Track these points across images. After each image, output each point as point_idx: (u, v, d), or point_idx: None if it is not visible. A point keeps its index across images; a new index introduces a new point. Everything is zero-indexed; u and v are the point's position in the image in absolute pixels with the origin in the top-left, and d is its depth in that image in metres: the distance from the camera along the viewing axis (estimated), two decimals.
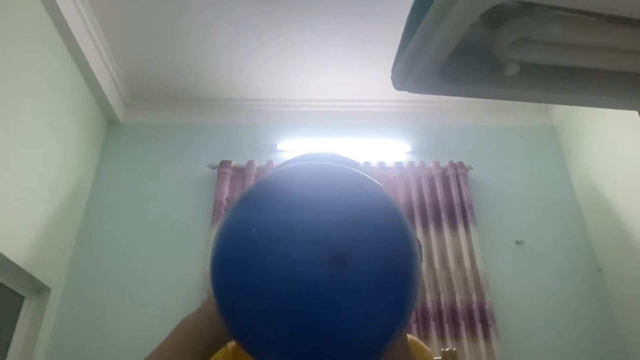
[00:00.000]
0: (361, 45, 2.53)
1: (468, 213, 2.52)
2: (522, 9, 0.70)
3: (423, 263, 2.29)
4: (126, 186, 2.63)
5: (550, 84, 0.84)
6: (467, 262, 2.36)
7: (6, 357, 2.02)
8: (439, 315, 2.24)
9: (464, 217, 2.51)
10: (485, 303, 2.27)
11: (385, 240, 0.51)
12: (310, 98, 2.92)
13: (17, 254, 1.93)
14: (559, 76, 0.83)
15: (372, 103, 2.94)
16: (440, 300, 2.27)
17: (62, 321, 2.24)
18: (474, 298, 2.27)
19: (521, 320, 2.34)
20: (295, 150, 2.77)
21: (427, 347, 0.89)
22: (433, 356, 0.91)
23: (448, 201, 2.57)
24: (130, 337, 2.17)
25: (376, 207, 0.53)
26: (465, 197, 2.57)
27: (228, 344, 0.76)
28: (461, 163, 2.68)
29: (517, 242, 2.54)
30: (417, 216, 2.49)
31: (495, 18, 0.72)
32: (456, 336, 2.21)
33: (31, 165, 2.04)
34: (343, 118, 2.92)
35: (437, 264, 2.35)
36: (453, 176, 2.63)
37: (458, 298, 2.27)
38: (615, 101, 0.88)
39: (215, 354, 0.60)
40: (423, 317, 2.22)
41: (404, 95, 1.86)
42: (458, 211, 2.51)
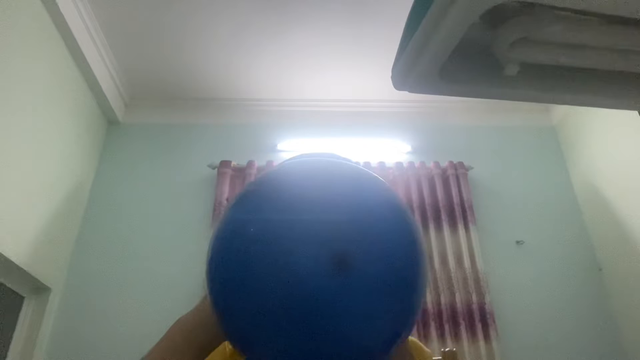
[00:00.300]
0: (361, 44, 2.53)
1: (468, 213, 2.52)
2: (522, 9, 0.70)
3: None
4: (126, 186, 2.63)
5: (550, 84, 0.84)
6: (467, 262, 2.36)
7: (6, 357, 2.02)
8: (439, 315, 2.24)
9: (464, 217, 2.51)
10: (485, 303, 2.27)
11: (390, 240, 0.48)
12: (310, 98, 2.92)
13: (17, 254, 1.93)
14: (559, 76, 0.83)
15: (372, 103, 2.94)
16: (440, 300, 2.27)
17: (62, 321, 2.24)
18: (474, 298, 2.28)
19: (521, 320, 2.34)
20: (295, 150, 2.77)
21: (427, 348, 0.89)
22: (433, 356, 0.90)
23: (448, 201, 2.57)
24: (130, 337, 2.17)
25: (381, 205, 0.51)
26: (465, 197, 2.57)
27: (226, 343, 0.75)
28: (461, 163, 2.68)
29: (517, 242, 2.54)
30: (417, 216, 2.49)
31: (495, 18, 0.72)
32: (456, 336, 2.21)
33: (31, 165, 2.04)
34: (343, 118, 2.92)
35: (437, 264, 2.35)
36: (453, 176, 2.63)
37: (458, 298, 2.27)
38: (615, 101, 0.88)
39: (212, 353, 0.60)
40: (423, 317, 2.22)
41: (404, 95, 1.86)
42: (458, 211, 2.51)
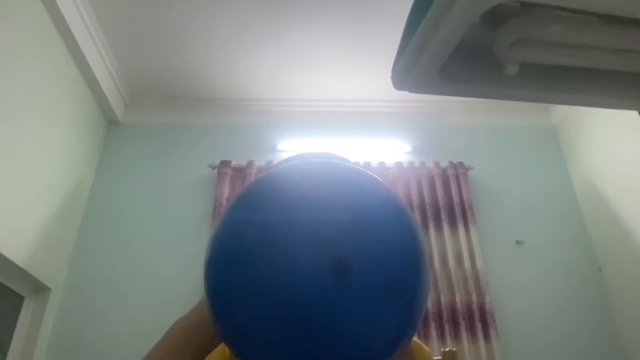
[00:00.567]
0: (361, 44, 2.53)
1: (468, 213, 2.52)
2: (522, 9, 0.70)
3: None
4: (126, 186, 2.63)
5: (550, 84, 0.84)
6: (467, 262, 2.36)
7: (6, 357, 2.02)
8: (439, 315, 2.24)
9: (464, 217, 2.51)
10: (485, 303, 2.27)
11: (392, 243, 0.47)
12: (310, 98, 2.92)
13: (17, 254, 1.93)
14: (559, 76, 0.83)
15: (372, 103, 2.94)
16: (440, 300, 2.27)
17: (62, 321, 2.24)
18: (474, 298, 2.28)
19: (521, 320, 2.34)
20: (295, 150, 2.77)
21: (427, 347, 0.89)
22: (433, 356, 0.90)
23: (448, 201, 2.57)
24: (129, 337, 2.17)
25: (382, 207, 0.50)
26: (465, 197, 2.57)
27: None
28: (461, 163, 2.68)
29: (517, 242, 2.54)
30: (417, 216, 2.49)
31: (495, 18, 0.72)
32: (456, 336, 2.21)
33: (31, 165, 2.04)
34: (343, 118, 2.92)
35: (437, 264, 2.35)
36: (453, 176, 2.63)
37: (458, 298, 2.27)
38: (615, 101, 0.88)
39: (211, 353, 0.60)
40: (423, 317, 2.22)
41: (404, 95, 1.86)
42: (458, 211, 2.51)
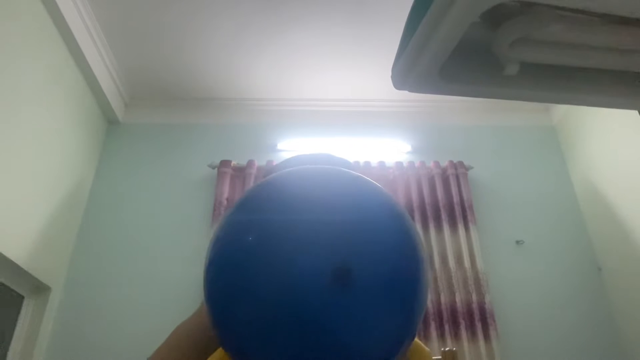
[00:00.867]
0: (361, 44, 2.53)
1: (468, 213, 2.52)
2: (522, 9, 0.70)
3: None
4: (126, 186, 2.63)
5: (550, 84, 0.84)
6: (467, 262, 2.36)
7: (6, 357, 2.02)
8: (439, 315, 2.24)
9: (464, 217, 2.51)
10: (485, 303, 2.27)
11: (392, 250, 0.47)
12: (310, 97, 2.92)
13: (17, 254, 1.93)
14: (559, 76, 0.83)
15: (372, 102, 2.94)
16: (440, 300, 2.27)
17: (62, 321, 2.24)
18: (474, 298, 2.28)
19: (521, 320, 2.34)
20: (295, 150, 2.77)
21: (426, 347, 0.89)
22: (432, 356, 0.90)
23: (448, 201, 2.57)
24: (130, 337, 2.17)
25: (381, 214, 0.50)
26: (465, 197, 2.56)
27: None
28: (461, 163, 2.68)
29: (517, 242, 2.54)
30: (417, 216, 2.49)
31: (495, 18, 0.71)
32: (456, 336, 2.21)
33: (31, 165, 2.04)
34: (343, 117, 2.92)
35: (437, 264, 2.35)
36: (453, 176, 2.62)
37: (458, 298, 2.27)
38: (615, 101, 0.88)
39: (213, 354, 0.60)
40: (423, 317, 2.22)
41: (404, 94, 1.86)
42: (458, 211, 2.51)
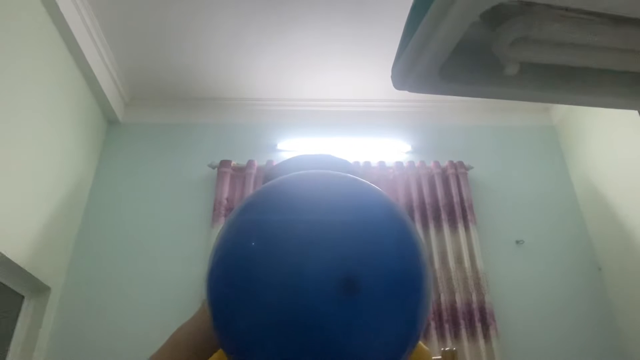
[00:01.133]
0: (361, 44, 2.53)
1: (468, 213, 2.52)
2: (522, 9, 0.70)
3: None
4: (126, 186, 2.62)
5: (550, 84, 0.84)
6: (467, 262, 2.36)
7: (6, 357, 2.02)
8: (439, 314, 2.24)
9: (464, 217, 2.51)
10: (485, 303, 2.27)
11: (396, 257, 0.47)
12: (310, 97, 2.92)
13: (17, 254, 1.93)
14: (559, 76, 0.83)
15: (372, 102, 2.94)
16: (440, 299, 2.27)
17: (62, 321, 2.24)
18: (474, 298, 2.27)
19: (521, 320, 2.34)
20: (295, 150, 2.77)
21: (426, 347, 0.89)
22: (432, 356, 0.90)
23: (448, 201, 2.57)
24: (130, 337, 2.17)
25: (384, 221, 0.49)
26: (465, 197, 2.56)
27: None
28: (461, 163, 2.68)
29: (517, 242, 2.54)
30: (417, 216, 2.49)
31: (495, 18, 0.72)
32: (456, 336, 2.21)
33: (31, 165, 2.04)
34: (343, 117, 2.92)
35: (437, 264, 2.35)
36: (453, 176, 2.62)
37: (458, 298, 2.27)
38: (615, 101, 0.88)
39: (213, 356, 0.60)
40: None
41: (404, 94, 1.86)
42: (458, 211, 2.51)
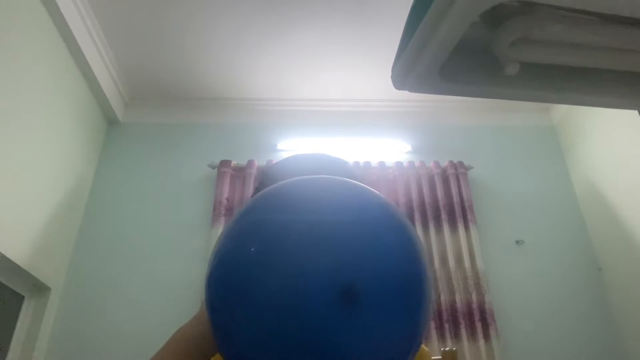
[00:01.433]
0: (361, 44, 2.53)
1: (468, 212, 2.52)
2: (522, 9, 0.70)
3: None
4: (126, 186, 2.63)
5: (550, 84, 0.84)
6: (467, 262, 2.36)
7: (6, 357, 2.02)
8: (439, 314, 2.24)
9: (464, 217, 2.51)
10: (485, 302, 2.27)
11: (397, 263, 0.46)
12: (310, 97, 2.92)
13: (17, 254, 1.93)
14: (560, 76, 0.83)
15: (372, 102, 2.94)
16: (440, 299, 2.27)
17: (62, 321, 2.24)
18: (474, 297, 2.28)
19: (521, 319, 2.34)
20: (295, 149, 2.77)
21: (426, 347, 0.89)
22: (432, 356, 0.90)
23: (448, 201, 2.57)
24: (130, 337, 2.17)
25: (385, 227, 0.48)
26: (465, 197, 2.56)
27: None
28: (461, 162, 2.68)
29: (517, 242, 2.54)
30: (417, 216, 2.49)
31: (495, 18, 0.72)
32: (456, 336, 2.21)
33: (31, 165, 2.04)
34: (343, 117, 2.92)
35: (437, 264, 2.35)
36: (453, 176, 2.62)
37: (458, 297, 2.27)
38: (615, 101, 0.88)
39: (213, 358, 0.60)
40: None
41: (404, 94, 1.86)
42: (458, 211, 2.51)
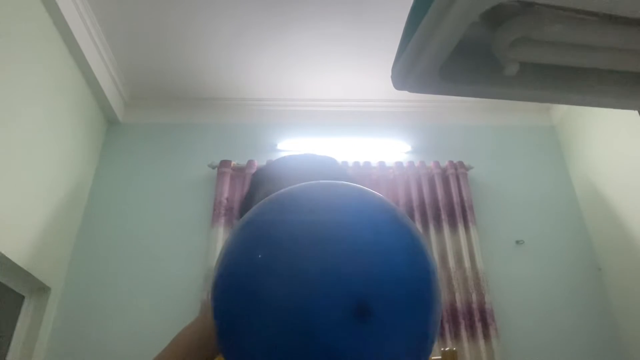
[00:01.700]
0: (361, 44, 2.53)
1: (468, 213, 2.52)
2: (522, 9, 0.70)
3: None
4: (126, 186, 2.63)
5: (550, 84, 0.84)
6: (467, 262, 2.36)
7: (6, 357, 2.02)
8: None
9: (464, 217, 2.51)
10: (485, 302, 2.27)
11: (408, 276, 0.44)
12: (310, 97, 2.92)
13: (17, 254, 1.93)
14: (560, 76, 0.83)
15: (372, 103, 2.94)
16: None
17: (62, 321, 2.24)
18: (474, 298, 2.28)
19: (521, 319, 2.34)
20: (295, 149, 2.77)
21: None
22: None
23: (448, 201, 2.57)
24: (130, 337, 2.17)
25: (395, 238, 0.45)
26: (465, 197, 2.56)
27: None
28: (461, 163, 2.68)
29: (517, 242, 2.54)
30: (417, 216, 2.49)
31: (495, 18, 0.72)
32: (456, 336, 2.21)
33: (31, 165, 2.04)
34: (343, 117, 2.92)
35: (437, 264, 2.36)
36: (453, 176, 2.62)
37: (458, 298, 2.27)
38: (615, 101, 0.88)
39: None
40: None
41: (404, 94, 1.86)
42: (458, 211, 2.51)
